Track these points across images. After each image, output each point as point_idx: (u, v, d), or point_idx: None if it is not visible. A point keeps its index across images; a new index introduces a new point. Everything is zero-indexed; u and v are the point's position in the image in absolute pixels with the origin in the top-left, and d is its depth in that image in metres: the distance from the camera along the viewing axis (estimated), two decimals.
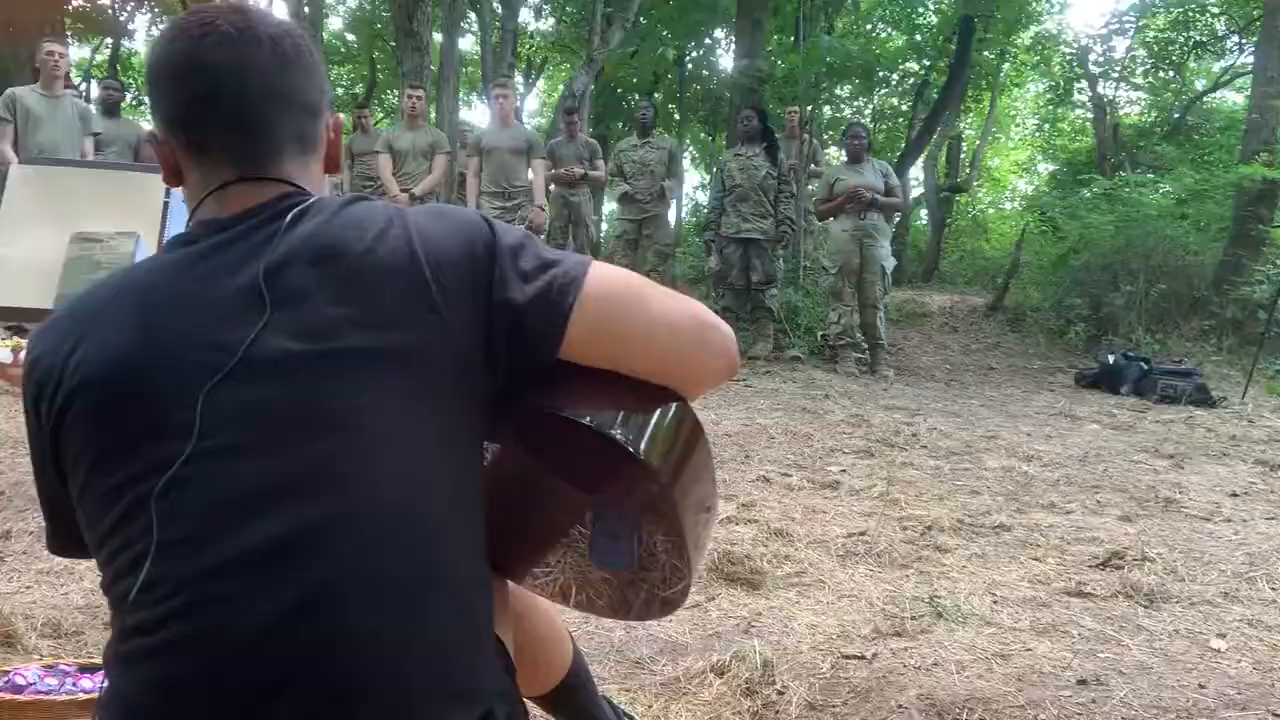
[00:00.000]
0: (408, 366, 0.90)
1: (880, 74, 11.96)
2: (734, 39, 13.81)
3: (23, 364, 0.98)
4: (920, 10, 14.34)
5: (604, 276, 0.97)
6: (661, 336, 0.98)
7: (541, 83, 21.35)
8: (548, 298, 0.94)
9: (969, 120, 17.81)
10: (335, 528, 0.84)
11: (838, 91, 14.38)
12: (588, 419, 0.96)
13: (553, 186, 7.69)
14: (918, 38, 14.45)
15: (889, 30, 15.35)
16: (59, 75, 5.96)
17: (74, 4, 15.56)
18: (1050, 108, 17.59)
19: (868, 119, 15.20)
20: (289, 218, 0.94)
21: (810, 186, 8.61)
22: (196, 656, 0.82)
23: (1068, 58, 15.52)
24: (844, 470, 4.02)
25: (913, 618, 2.41)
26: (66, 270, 1.65)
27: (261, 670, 0.82)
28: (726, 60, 16.40)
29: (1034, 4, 14.06)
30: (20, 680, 1.77)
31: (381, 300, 0.90)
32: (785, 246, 7.59)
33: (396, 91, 14.70)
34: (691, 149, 18.60)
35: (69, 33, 14.57)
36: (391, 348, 0.89)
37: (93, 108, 7.02)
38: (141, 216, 1.72)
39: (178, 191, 1.88)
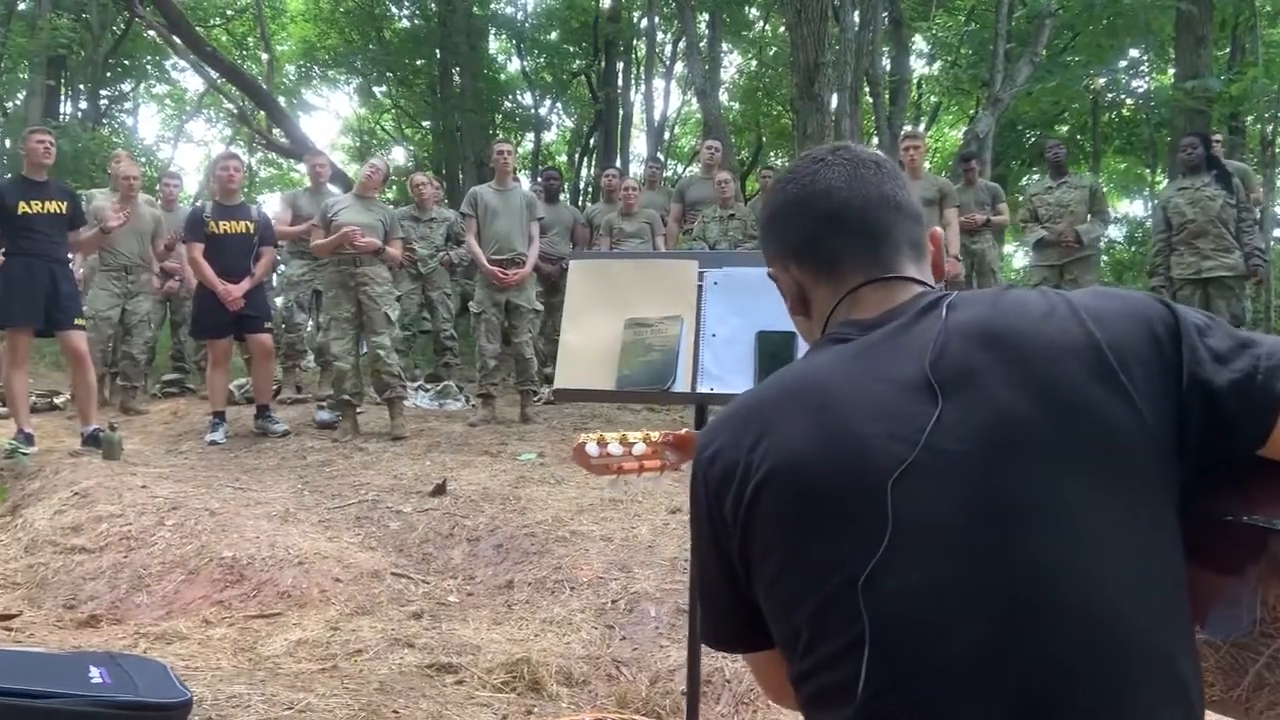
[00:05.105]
0: (1102, 455, 0.85)
1: None
2: (1156, 58, 12.52)
3: (696, 458, 1.02)
4: None
5: None
6: None
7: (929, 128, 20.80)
8: (1252, 383, 0.85)
9: None
10: (1047, 633, 0.81)
11: None
12: None
13: None
14: None
15: None
16: (509, 170, 6.81)
17: (503, 107, 18.19)
18: None
19: None
20: (944, 308, 0.95)
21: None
22: None
23: None
24: None
25: None
26: (623, 353, 1.80)
27: None
28: (1139, 82, 14.93)
29: None
30: None
31: (1062, 385, 0.87)
32: (1260, 282, 6.61)
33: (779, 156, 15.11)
34: (1104, 181, 17.09)
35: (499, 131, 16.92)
36: (1082, 435, 0.85)
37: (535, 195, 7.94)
38: (681, 301, 1.84)
39: (711, 273, 2.00)
